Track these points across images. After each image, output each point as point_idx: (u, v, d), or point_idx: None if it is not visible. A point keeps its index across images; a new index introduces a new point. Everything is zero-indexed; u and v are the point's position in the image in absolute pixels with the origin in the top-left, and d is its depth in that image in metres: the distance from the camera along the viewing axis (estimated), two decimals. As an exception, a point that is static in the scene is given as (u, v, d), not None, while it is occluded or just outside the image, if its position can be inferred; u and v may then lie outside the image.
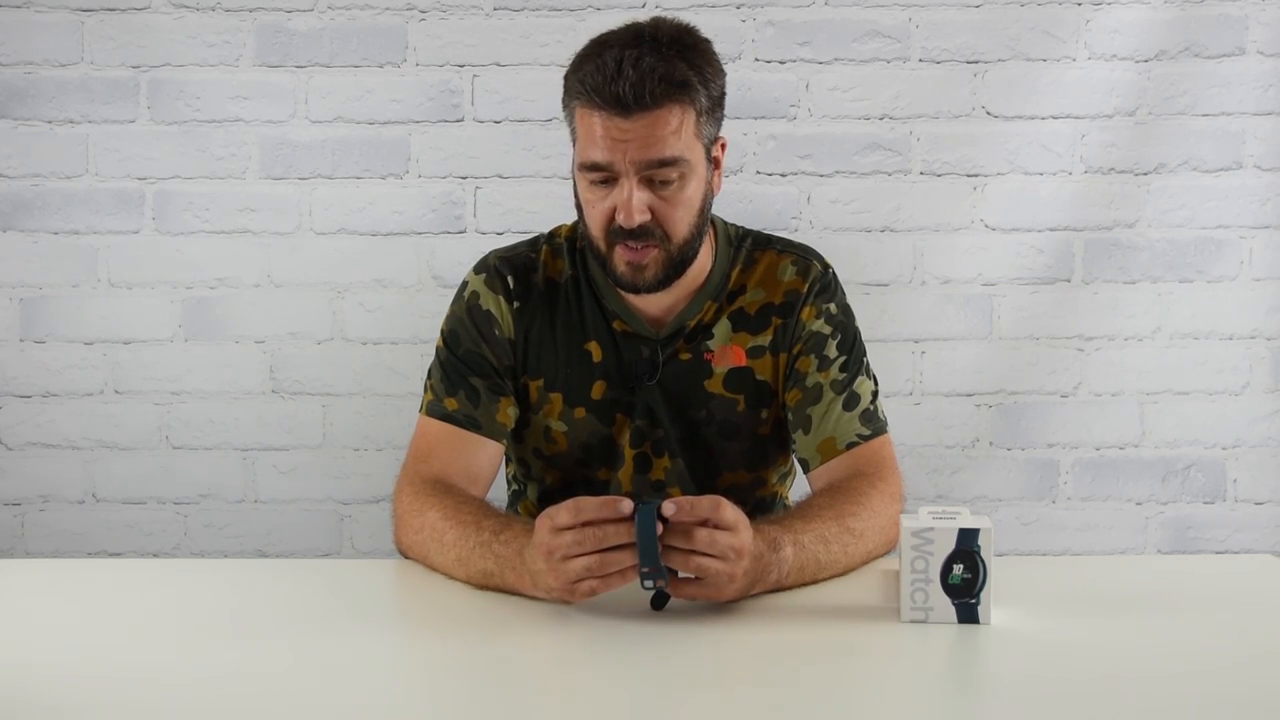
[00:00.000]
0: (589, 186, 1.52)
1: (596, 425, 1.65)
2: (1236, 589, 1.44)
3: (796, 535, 1.39)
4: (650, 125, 1.46)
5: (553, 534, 1.27)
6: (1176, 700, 1.11)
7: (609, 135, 1.47)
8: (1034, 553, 2.48)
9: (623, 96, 1.45)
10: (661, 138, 1.47)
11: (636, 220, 1.49)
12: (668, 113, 1.47)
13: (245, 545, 2.49)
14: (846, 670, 1.21)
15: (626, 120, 1.46)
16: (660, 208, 1.51)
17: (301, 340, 2.47)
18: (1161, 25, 2.42)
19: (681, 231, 1.53)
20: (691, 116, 1.49)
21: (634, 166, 1.48)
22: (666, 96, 1.46)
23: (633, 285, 1.55)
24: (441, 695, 1.16)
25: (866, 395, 1.64)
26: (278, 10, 2.43)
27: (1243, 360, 2.47)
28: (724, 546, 1.28)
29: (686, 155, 1.49)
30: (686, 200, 1.52)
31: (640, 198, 1.49)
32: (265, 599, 1.41)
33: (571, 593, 1.28)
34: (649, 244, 1.52)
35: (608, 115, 1.47)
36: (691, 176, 1.51)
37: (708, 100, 1.51)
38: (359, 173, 2.45)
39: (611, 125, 1.47)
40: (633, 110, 1.46)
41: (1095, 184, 2.44)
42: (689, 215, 1.53)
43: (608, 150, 1.48)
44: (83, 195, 2.44)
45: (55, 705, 1.10)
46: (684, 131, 1.49)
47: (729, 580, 1.29)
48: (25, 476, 2.48)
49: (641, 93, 1.45)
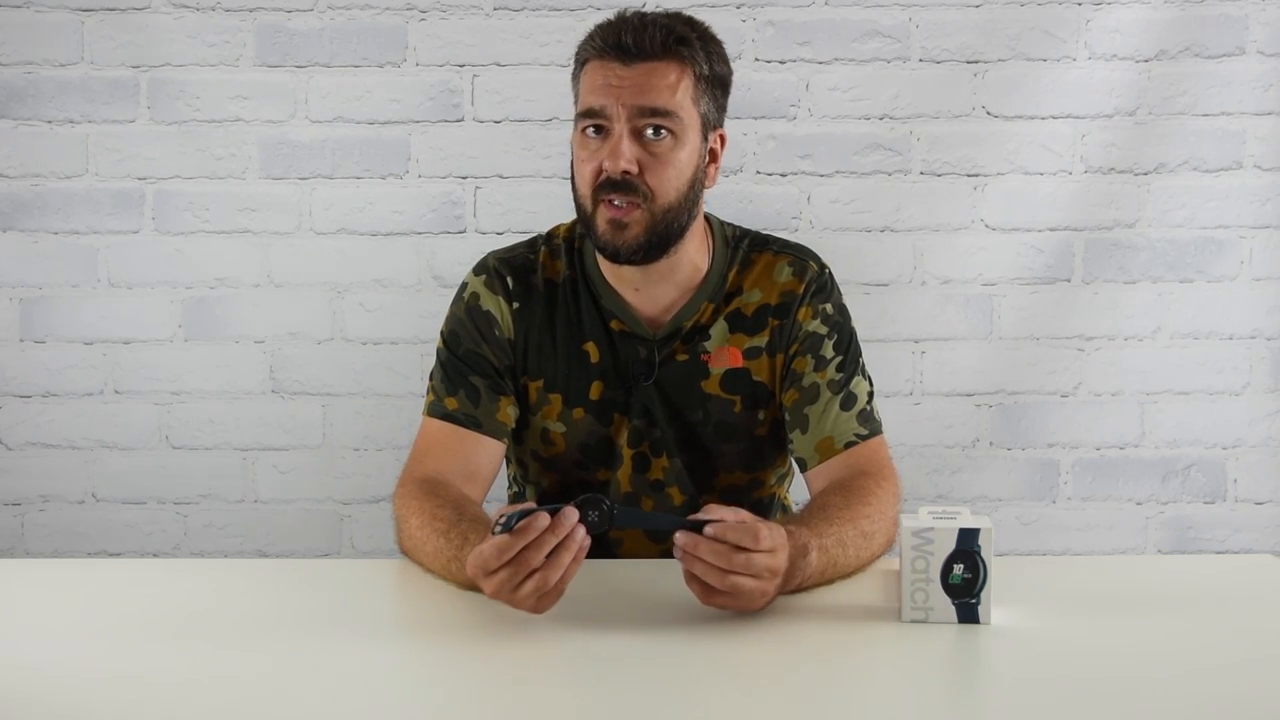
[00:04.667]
0: (582, 140, 1.54)
1: (594, 425, 1.65)
2: (1236, 589, 1.44)
3: (821, 539, 1.39)
4: (647, 74, 1.51)
5: (489, 577, 1.26)
6: (1177, 700, 1.11)
7: (607, 82, 1.52)
8: (1034, 553, 2.48)
9: (624, 44, 1.51)
10: (657, 87, 1.51)
11: (622, 165, 1.50)
12: (666, 66, 1.52)
13: (245, 545, 2.49)
14: (846, 670, 1.21)
15: (625, 68, 1.51)
16: (648, 163, 1.52)
17: (301, 340, 2.47)
18: (1162, 25, 2.42)
19: (667, 194, 1.53)
20: (689, 79, 1.53)
21: (627, 112, 1.50)
22: (666, 51, 1.52)
23: (613, 246, 1.54)
24: (442, 695, 1.16)
25: (863, 395, 1.64)
26: (278, 10, 2.43)
27: (1243, 360, 2.47)
28: (760, 567, 1.28)
29: (680, 113, 1.52)
30: (676, 162, 1.53)
31: (630, 146, 1.51)
32: (265, 599, 1.41)
33: (517, 603, 1.26)
34: (632, 201, 1.52)
35: (608, 63, 1.52)
36: (684, 139, 1.53)
37: (709, 70, 1.55)
38: (359, 173, 2.45)
39: (610, 72, 1.52)
40: (633, 58, 1.51)
41: (1095, 184, 2.44)
42: (677, 180, 1.54)
43: (604, 95, 1.51)
44: (83, 195, 2.45)
45: (55, 705, 1.10)
46: (680, 90, 1.52)
47: (761, 595, 1.29)
48: (25, 476, 2.48)
49: (642, 40, 1.51)
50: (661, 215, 1.54)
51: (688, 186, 1.55)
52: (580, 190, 1.56)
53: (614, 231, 1.53)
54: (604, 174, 1.52)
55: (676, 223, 1.56)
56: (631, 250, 1.54)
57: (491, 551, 1.24)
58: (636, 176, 1.51)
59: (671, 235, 1.56)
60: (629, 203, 1.52)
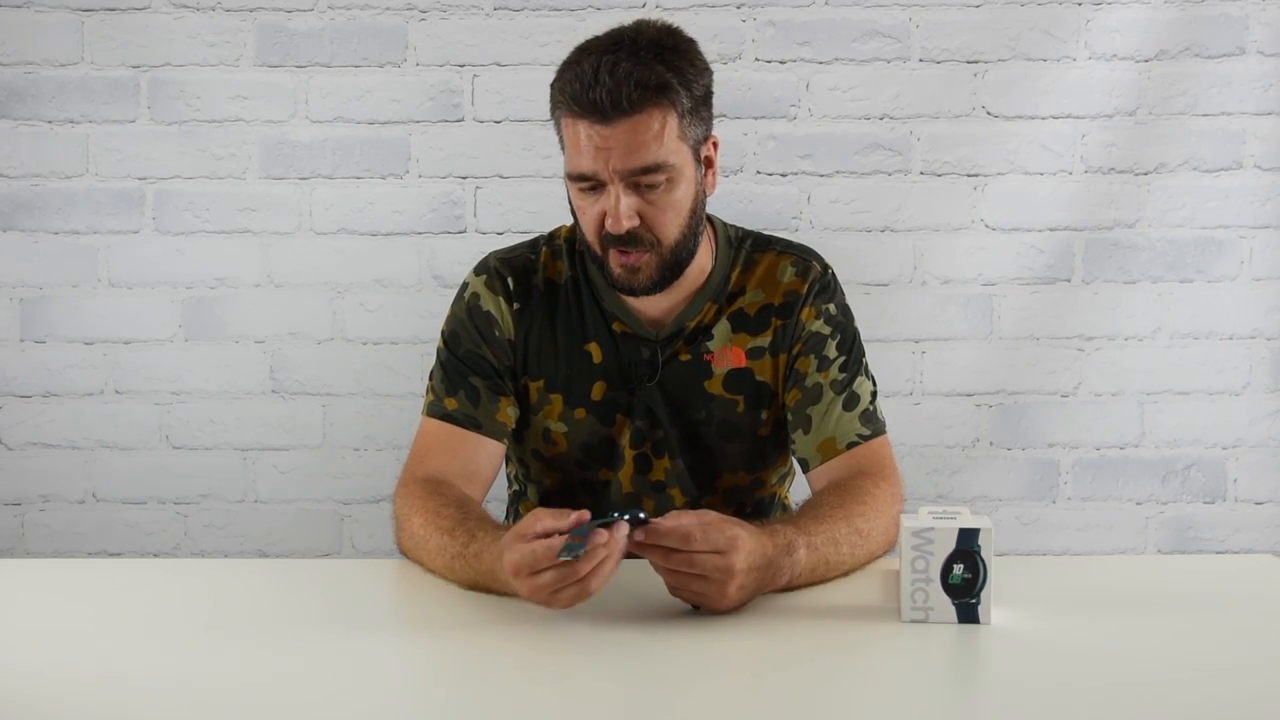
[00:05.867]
0: (579, 194, 1.53)
1: (597, 426, 1.65)
2: (1236, 589, 1.44)
3: (810, 538, 1.39)
4: (631, 131, 1.46)
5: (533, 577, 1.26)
6: (1176, 700, 1.11)
7: (591, 144, 1.47)
8: (1034, 553, 2.48)
9: (600, 103, 1.44)
10: (643, 143, 1.47)
11: (624, 226, 1.49)
12: (648, 117, 1.46)
13: (245, 545, 2.49)
14: (846, 670, 1.21)
15: (607, 127, 1.46)
16: (648, 212, 1.51)
17: (301, 340, 2.47)
18: (1162, 25, 2.42)
19: (672, 235, 1.53)
20: (674, 120, 1.48)
21: (618, 174, 1.48)
22: (645, 101, 1.46)
23: (629, 288, 1.56)
24: (441, 695, 1.16)
25: (866, 395, 1.64)
26: (278, 10, 2.43)
27: (1243, 360, 2.47)
28: (708, 568, 1.28)
29: (670, 159, 1.49)
30: (675, 204, 1.52)
31: (628, 204, 1.49)
32: (265, 599, 1.41)
33: (550, 603, 1.27)
34: (640, 249, 1.52)
35: (589, 124, 1.46)
36: (679, 179, 1.51)
37: (690, 100, 1.50)
38: (359, 173, 2.45)
39: (593, 133, 1.47)
40: (611, 117, 1.45)
41: (1095, 184, 2.44)
42: (678, 218, 1.53)
43: (591, 159, 1.48)
44: (83, 195, 2.44)
45: (55, 705, 1.10)
46: (666, 135, 1.48)
47: (720, 595, 1.29)
48: (25, 476, 2.48)
49: (619, 98, 1.44)
50: (671, 253, 1.54)
51: (690, 217, 1.55)
52: (588, 237, 1.55)
53: (628, 275, 1.54)
54: (607, 228, 1.51)
55: (686, 250, 1.56)
56: (647, 289, 1.55)
57: (544, 552, 1.24)
58: (640, 228, 1.51)
59: (683, 262, 1.57)
60: (637, 251, 1.52)
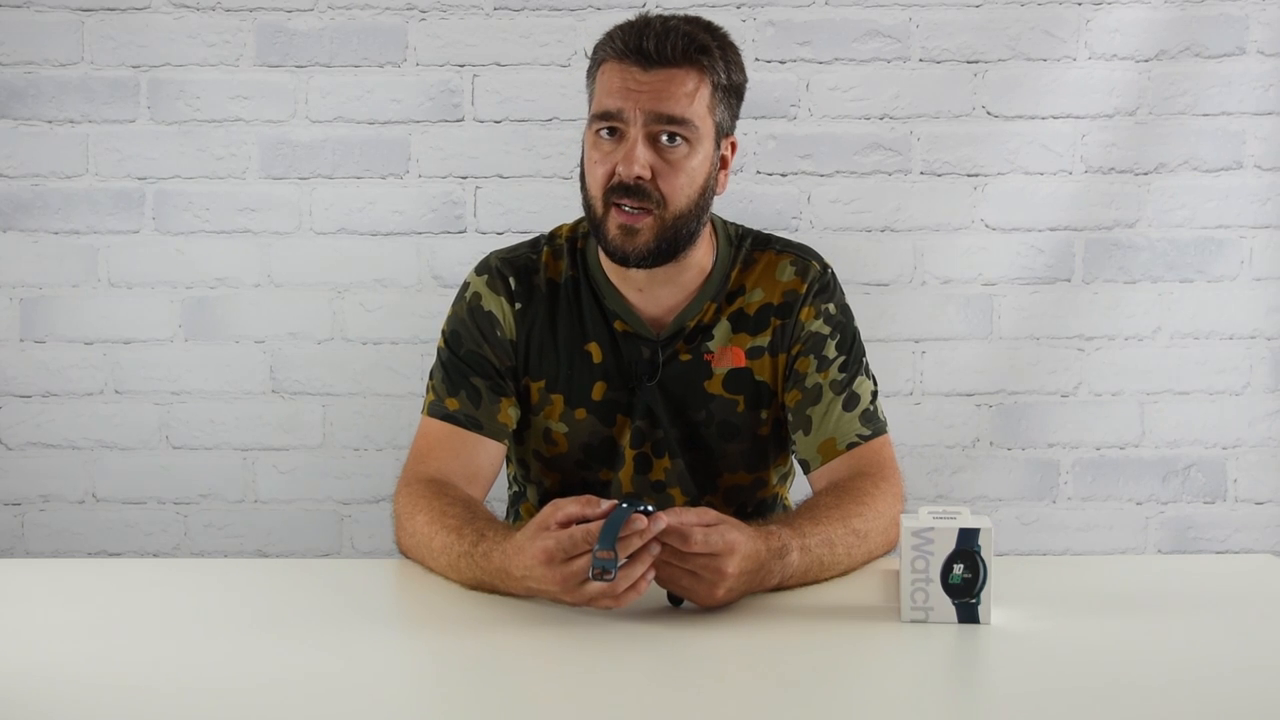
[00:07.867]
0: (596, 141, 1.54)
1: (597, 426, 1.65)
2: (1236, 589, 1.44)
3: (804, 540, 1.39)
4: (668, 80, 1.51)
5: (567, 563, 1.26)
6: (1176, 700, 1.11)
7: (625, 84, 1.51)
8: (1034, 553, 2.48)
9: (646, 49, 1.50)
10: (675, 96, 1.51)
11: (636, 170, 1.50)
12: (685, 74, 1.51)
13: (245, 545, 2.49)
14: (846, 670, 1.21)
15: (645, 73, 1.50)
16: (662, 169, 1.52)
17: (301, 340, 2.47)
18: (1162, 25, 2.42)
19: (679, 201, 1.53)
20: (707, 88, 1.53)
21: (643, 117, 1.50)
22: (687, 59, 1.51)
23: (622, 251, 1.54)
24: (442, 695, 1.16)
25: (866, 395, 1.64)
26: (278, 10, 2.43)
27: (1243, 360, 2.47)
28: (702, 567, 1.28)
29: (696, 121, 1.52)
30: (688, 170, 1.53)
31: (644, 151, 1.51)
32: (265, 599, 1.41)
33: (575, 594, 1.27)
34: (644, 206, 1.52)
35: (628, 66, 1.51)
36: (698, 147, 1.53)
37: (726, 81, 1.55)
38: (359, 173, 2.45)
39: (629, 76, 1.51)
40: (653, 63, 1.50)
41: (1095, 184, 2.44)
42: (689, 187, 1.53)
43: (621, 98, 1.51)
44: (83, 195, 2.45)
45: (55, 705, 1.10)
46: (698, 99, 1.52)
47: (707, 595, 1.30)
48: (25, 476, 2.48)
49: (664, 47, 1.50)
50: (672, 222, 1.54)
51: (699, 194, 1.55)
52: (591, 191, 1.55)
53: (624, 236, 1.53)
54: (616, 177, 1.51)
55: (686, 229, 1.56)
56: (640, 256, 1.54)
57: (582, 537, 1.25)
58: (649, 182, 1.51)
59: (680, 242, 1.56)
60: (640, 208, 1.52)
